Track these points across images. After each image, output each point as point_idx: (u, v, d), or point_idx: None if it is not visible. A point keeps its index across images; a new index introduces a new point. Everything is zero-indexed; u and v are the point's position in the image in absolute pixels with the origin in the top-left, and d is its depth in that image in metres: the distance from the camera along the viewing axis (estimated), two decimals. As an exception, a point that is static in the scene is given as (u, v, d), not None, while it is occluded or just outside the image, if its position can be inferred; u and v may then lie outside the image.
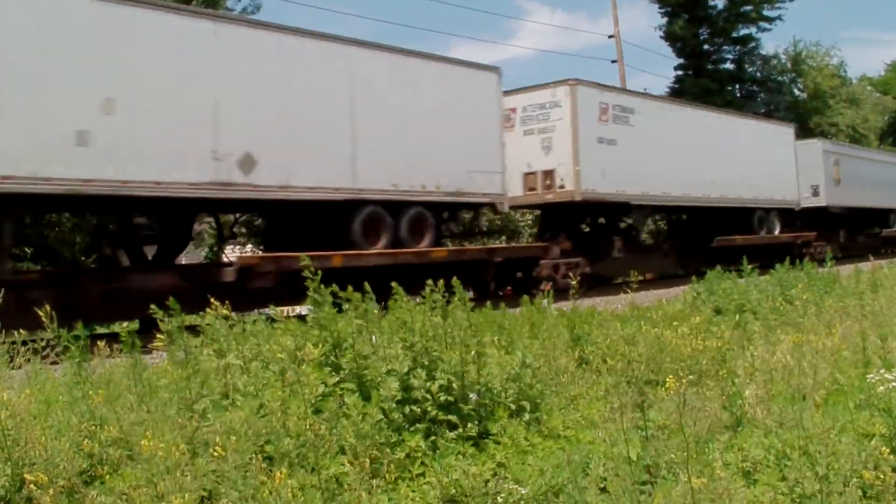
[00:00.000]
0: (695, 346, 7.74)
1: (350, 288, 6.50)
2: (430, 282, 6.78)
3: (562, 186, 22.45)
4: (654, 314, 10.28)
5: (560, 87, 22.57)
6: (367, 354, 6.05)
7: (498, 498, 4.69)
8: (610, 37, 44.15)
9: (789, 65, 57.31)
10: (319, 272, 6.40)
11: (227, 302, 6.44)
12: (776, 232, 32.43)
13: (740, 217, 30.31)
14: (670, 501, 4.12)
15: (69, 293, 13.25)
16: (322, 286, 6.39)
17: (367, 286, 6.71)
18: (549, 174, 22.73)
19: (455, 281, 6.98)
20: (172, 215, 16.85)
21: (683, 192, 26.09)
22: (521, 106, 23.34)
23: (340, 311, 6.41)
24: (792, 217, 34.19)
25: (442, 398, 5.77)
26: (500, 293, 21.22)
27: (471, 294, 19.48)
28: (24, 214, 16.09)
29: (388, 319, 6.90)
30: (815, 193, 34.88)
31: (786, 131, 33.90)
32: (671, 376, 5.15)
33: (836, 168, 36.45)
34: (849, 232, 38.73)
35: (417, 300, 7.09)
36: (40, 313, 5.76)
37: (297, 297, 7.87)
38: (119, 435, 5.07)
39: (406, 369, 5.85)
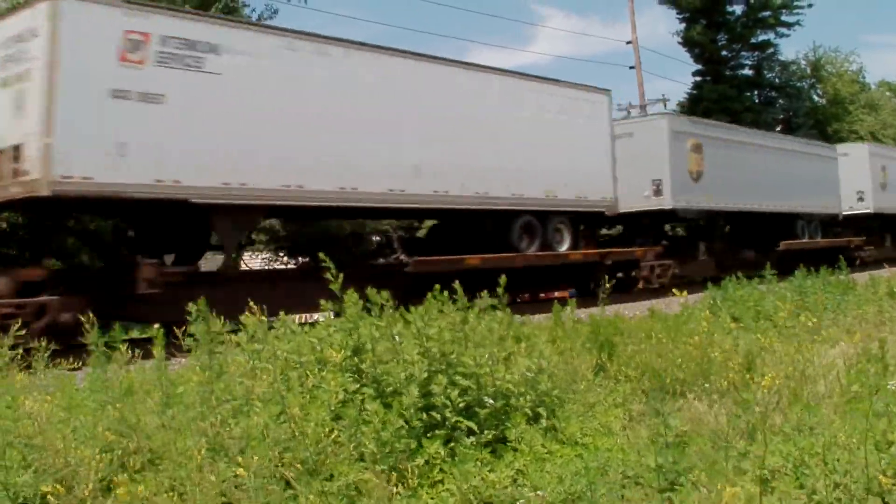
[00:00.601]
0: (710, 354, 7.74)
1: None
2: (457, 284, 6.95)
3: (26, 172, 12.82)
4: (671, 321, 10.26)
5: (39, 3, 12.88)
6: (387, 360, 6.08)
7: (517, 504, 4.71)
8: (628, 42, 44.11)
9: (808, 70, 57.09)
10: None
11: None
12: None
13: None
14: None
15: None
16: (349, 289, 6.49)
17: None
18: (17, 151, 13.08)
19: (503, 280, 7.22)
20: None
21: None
22: None
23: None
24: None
25: (461, 404, 5.79)
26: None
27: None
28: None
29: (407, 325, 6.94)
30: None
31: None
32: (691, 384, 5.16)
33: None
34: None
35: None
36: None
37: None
38: (141, 442, 5.10)
39: (426, 375, 5.86)
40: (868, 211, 34.98)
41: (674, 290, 11.05)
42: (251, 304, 6.27)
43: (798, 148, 32.86)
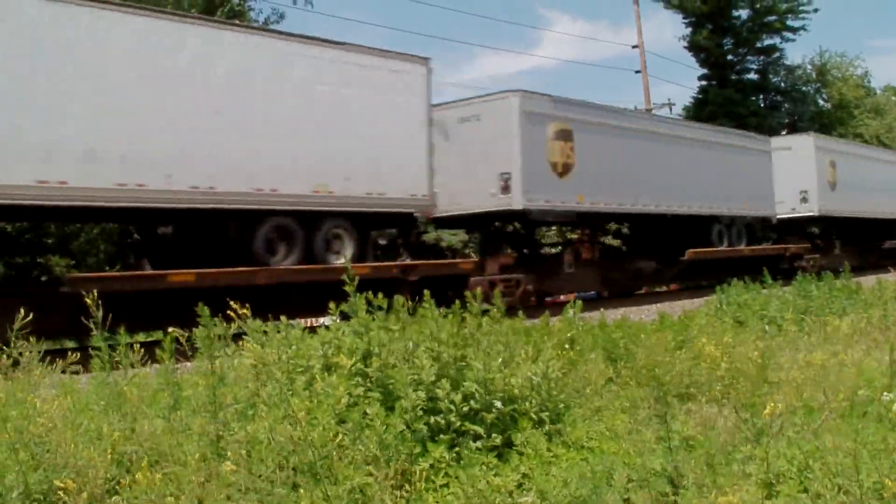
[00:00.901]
0: (718, 359, 7.75)
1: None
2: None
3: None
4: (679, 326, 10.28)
5: None
6: (394, 364, 6.09)
7: (522, 508, 4.72)
8: (634, 47, 44.17)
9: (814, 75, 57.12)
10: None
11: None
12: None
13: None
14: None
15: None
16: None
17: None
18: None
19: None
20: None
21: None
22: None
23: None
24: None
25: (465, 408, 5.80)
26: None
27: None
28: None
29: (416, 329, 6.95)
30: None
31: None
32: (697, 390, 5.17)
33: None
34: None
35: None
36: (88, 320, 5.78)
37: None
38: (146, 444, 5.11)
39: (432, 379, 5.87)
40: (811, 214, 30.87)
41: (519, 314, 9.28)
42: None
43: (717, 139, 27.99)
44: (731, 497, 4.09)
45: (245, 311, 5.90)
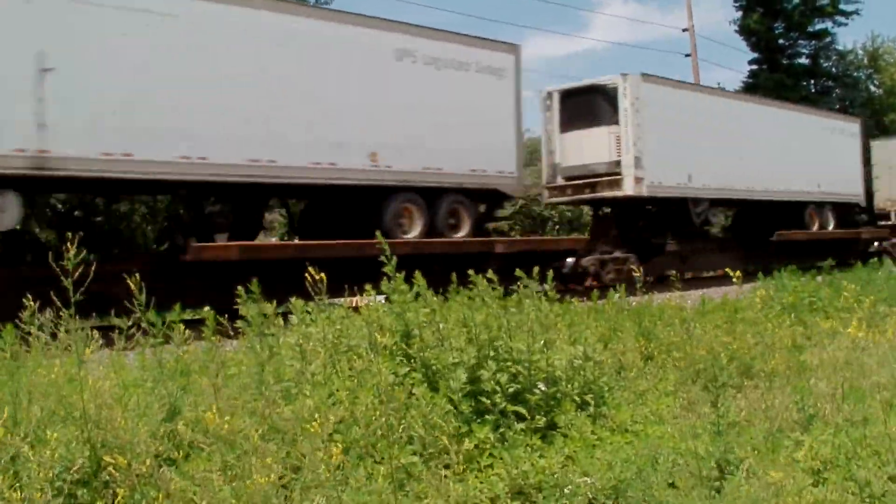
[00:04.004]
0: (768, 343, 7.69)
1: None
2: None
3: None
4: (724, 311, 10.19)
5: None
6: (435, 345, 6.10)
7: (566, 490, 4.71)
8: (684, 30, 43.74)
9: (866, 60, 56.12)
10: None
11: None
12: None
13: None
14: (739, 497, 4.11)
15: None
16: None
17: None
18: None
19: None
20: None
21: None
22: None
23: None
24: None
25: (510, 389, 5.80)
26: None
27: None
28: None
29: (454, 310, 6.96)
30: None
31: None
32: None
33: None
34: None
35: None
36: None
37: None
38: (196, 418, 5.16)
39: (473, 360, 5.88)
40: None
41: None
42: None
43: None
44: (780, 474, 4.06)
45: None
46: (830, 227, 28.72)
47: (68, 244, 4.73)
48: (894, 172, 31.51)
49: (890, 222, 31.44)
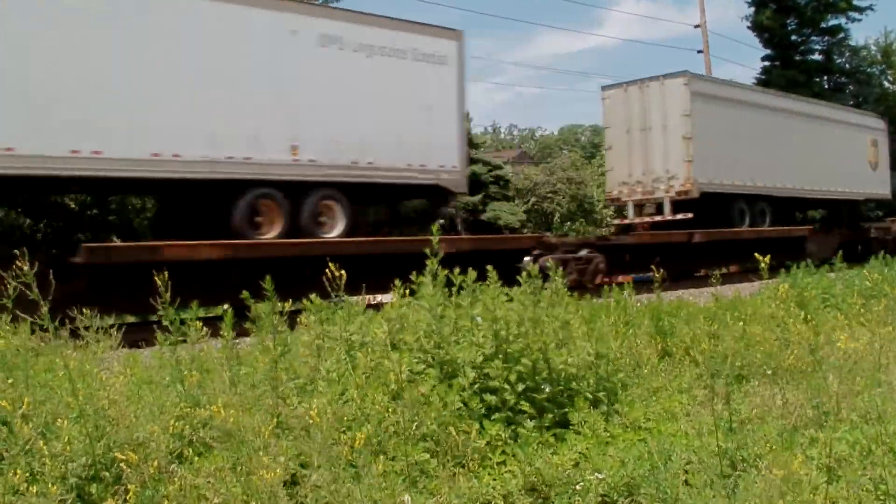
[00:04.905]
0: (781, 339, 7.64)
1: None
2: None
3: None
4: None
5: None
6: (449, 342, 6.08)
7: (578, 487, 4.70)
8: (696, 26, 43.52)
9: (879, 56, 55.87)
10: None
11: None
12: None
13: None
14: (753, 494, 4.09)
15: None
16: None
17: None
18: None
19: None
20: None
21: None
22: None
23: None
24: None
25: (520, 387, 5.78)
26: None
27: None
28: None
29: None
30: None
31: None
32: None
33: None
34: None
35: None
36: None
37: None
38: (209, 416, 5.17)
39: (482, 358, 5.86)
40: None
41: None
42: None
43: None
44: (791, 467, 4.03)
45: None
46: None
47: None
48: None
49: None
